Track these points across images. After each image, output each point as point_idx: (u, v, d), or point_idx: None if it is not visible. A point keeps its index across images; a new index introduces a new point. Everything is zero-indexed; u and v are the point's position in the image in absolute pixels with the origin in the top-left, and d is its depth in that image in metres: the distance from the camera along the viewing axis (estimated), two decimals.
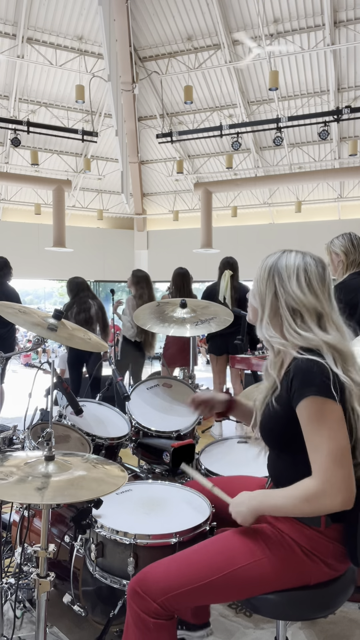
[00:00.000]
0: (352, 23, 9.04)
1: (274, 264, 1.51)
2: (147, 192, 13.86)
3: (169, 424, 2.63)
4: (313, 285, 1.47)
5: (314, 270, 1.48)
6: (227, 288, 5.13)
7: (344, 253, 2.94)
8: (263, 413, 1.55)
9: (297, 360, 1.41)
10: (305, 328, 1.44)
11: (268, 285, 1.50)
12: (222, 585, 1.43)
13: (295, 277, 1.47)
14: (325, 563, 1.45)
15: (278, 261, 1.51)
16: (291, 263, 1.49)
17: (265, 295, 1.50)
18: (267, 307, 1.50)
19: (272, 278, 1.49)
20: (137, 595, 1.44)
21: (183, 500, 1.89)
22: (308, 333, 1.43)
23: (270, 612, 1.50)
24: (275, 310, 1.49)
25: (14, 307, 2.03)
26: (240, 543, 1.48)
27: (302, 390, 1.37)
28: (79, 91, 9.11)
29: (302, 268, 1.47)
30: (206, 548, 1.50)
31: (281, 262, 1.50)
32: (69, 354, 5.39)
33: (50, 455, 1.47)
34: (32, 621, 2.16)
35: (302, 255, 1.51)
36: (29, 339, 14.50)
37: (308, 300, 1.45)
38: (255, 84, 10.58)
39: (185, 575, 1.43)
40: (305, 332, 1.44)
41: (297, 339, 1.44)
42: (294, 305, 1.46)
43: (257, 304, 1.53)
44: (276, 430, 1.49)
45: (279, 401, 1.46)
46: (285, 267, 1.49)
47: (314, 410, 1.35)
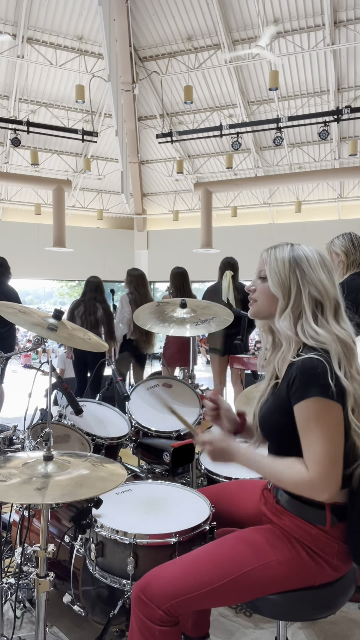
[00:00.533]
0: (352, 23, 9.04)
1: (292, 255, 1.49)
2: (147, 192, 13.86)
3: (169, 424, 2.62)
4: (332, 276, 1.50)
5: (329, 263, 1.52)
6: (230, 289, 5.12)
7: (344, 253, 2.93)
8: (262, 407, 1.55)
9: (301, 359, 1.41)
10: (322, 323, 1.45)
11: (291, 275, 1.48)
12: (227, 590, 1.43)
13: (319, 267, 1.48)
14: (329, 564, 1.45)
15: (294, 252, 1.50)
16: (310, 255, 1.50)
17: (289, 286, 1.48)
18: (291, 297, 1.48)
19: (294, 269, 1.48)
20: (141, 602, 1.43)
21: (183, 500, 1.89)
22: (323, 329, 1.43)
23: (270, 613, 1.50)
24: (297, 302, 1.47)
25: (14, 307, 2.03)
26: (244, 547, 1.47)
27: (305, 389, 1.37)
28: (79, 91, 9.11)
29: (321, 260, 1.50)
30: (210, 553, 1.48)
31: (299, 254, 1.50)
32: (75, 356, 5.40)
33: (49, 455, 1.47)
34: (32, 621, 2.16)
35: (312, 247, 1.53)
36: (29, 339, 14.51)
37: (331, 288, 1.48)
38: (255, 84, 10.58)
39: (190, 582, 1.42)
40: (321, 328, 1.44)
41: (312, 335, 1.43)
42: (317, 295, 1.46)
43: (279, 294, 1.49)
44: (275, 424, 1.49)
45: (279, 397, 1.47)
46: (305, 258, 1.49)
47: (314, 411, 1.36)
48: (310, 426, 1.37)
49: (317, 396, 1.35)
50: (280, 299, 1.49)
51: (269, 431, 1.53)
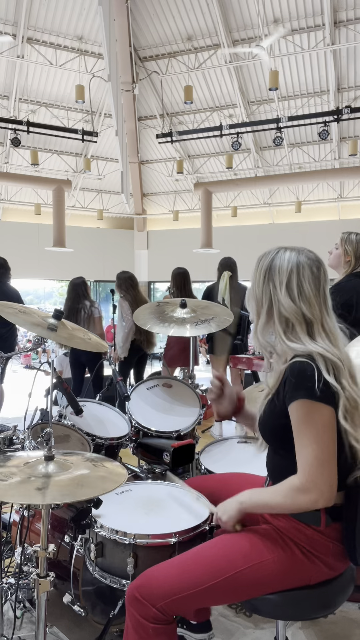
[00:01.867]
0: (352, 23, 9.04)
1: (269, 267, 1.49)
2: (147, 192, 13.86)
3: (169, 424, 2.62)
4: (304, 291, 1.45)
5: (308, 272, 1.46)
6: (226, 289, 5.12)
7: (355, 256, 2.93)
8: (263, 410, 1.55)
9: (292, 362, 1.42)
10: (295, 338, 1.44)
11: (264, 291, 1.49)
12: (222, 589, 1.43)
13: (286, 283, 1.45)
14: (324, 563, 1.45)
15: (272, 263, 1.49)
16: (284, 266, 1.47)
17: (261, 302, 1.50)
18: (263, 314, 1.50)
19: (267, 283, 1.48)
20: (136, 600, 1.44)
21: (183, 500, 1.89)
22: (296, 344, 1.43)
23: (270, 612, 1.50)
24: (269, 318, 1.49)
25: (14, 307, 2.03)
26: (239, 546, 1.47)
27: (294, 392, 1.38)
28: (79, 91, 9.11)
29: (294, 272, 1.46)
30: (205, 552, 1.49)
31: (274, 265, 1.48)
32: (70, 355, 5.41)
33: (49, 455, 1.47)
34: (32, 621, 2.16)
35: (297, 254, 1.48)
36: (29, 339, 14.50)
37: (298, 308, 1.44)
38: (255, 84, 10.58)
39: (184, 580, 1.43)
40: (294, 343, 1.44)
41: (287, 349, 1.45)
42: (285, 314, 1.46)
43: (252, 308, 1.53)
44: (273, 427, 1.50)
45: (276, 400, 1.48)
46: (278, 271, 1.47)
47: (302, 413, 1.37)
48: (301, 428, 1.38)
49: (303, 398, 1.36)
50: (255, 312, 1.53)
51: (268, 435, 1.55)
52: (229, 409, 1.78)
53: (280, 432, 1.45)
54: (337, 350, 1.44)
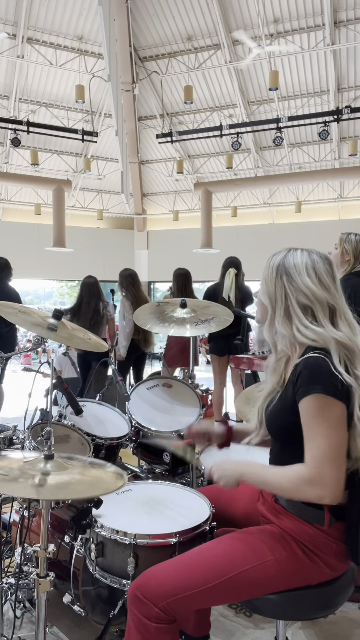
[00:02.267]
0: (352, 23, 9.04)
1: (281, 263, 1.51)
2: (147, 192, 13.86)
3: (169, 424, 2.62)
4: (323, 280, 1.48)
5: (322, 267, 1.49)
6: (232, 286, 5.11)
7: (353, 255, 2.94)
8: (269, 407, 1.55)
9: (307, 357, 1.42)
10: (314, 325, 1.45)
11: (277, 284, 1.50)
12: (223, 589, 1.43)
13: (305, 272, 1.47)
14: (326, 563, 1.45)
15: (285, 260, 1.51)
16: (299, 261, 1.49)
17: (275, 294, 1.51)
18: (279, 306, 1.50)
19: (280, 277, 1.50)
20: (137, 600, 1.44)
21: (183, 500, 1.89)
22: (320, 328, 1.43)
23: (270, 612, 1.50)
24: (287, 309, 1.49)
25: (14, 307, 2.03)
26: (241, 546, 1.47)
27: (308, 386, 1.38)
28: (79, 91, 9.11)
29: (310, 265, 1.48)
30: (207, 551, 1.49)
31: (288, 261, 1.50)
32: (78, 356, 5.41)
33: (49, 454, 1.47)
34: (32, 621, 2.16)
35: (309, 253, 1.51)
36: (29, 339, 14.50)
37: (320, 293, 1.46)
38: (255, 84, 10.58)
39: (186, 580, 1.43)
40: (317, 327, 1.44)
41: (308, 335, 1.44)
42: (305, 301, 1.46)
43: (267, 303, 1.53)
44: (283, 422, 1.50)
45: (285, 395, 1.48)
46: (293, 265, 1.49)
47: (316, 407, 1.37)
48: (311, 423, 1.38)
49: (320, 393, 1.36)
50: (269, 308, 1.53)
51: (276, 431, 1.54)
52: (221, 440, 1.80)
53: (291, 428, 1.45)
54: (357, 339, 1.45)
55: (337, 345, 1.41)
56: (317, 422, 1.36)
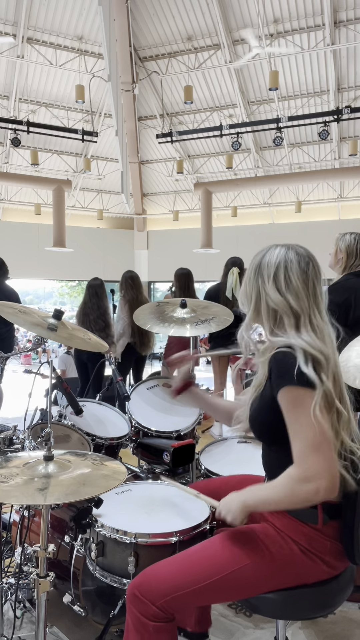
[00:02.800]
0: (352, 23, 9.04)
1: (259, 263, 1.52)
2: (147, 192, 13.86)
3: (169, 424, 2.63)
4: (292, 284, 1.45)
5: (296, 267, 1.47)
6: (237, 285, 5.11)
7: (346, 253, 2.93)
8: (252, 407, 1.55)
9: (274, 353, 1.44)
10: (281, 332, 1.46)
11: (253, 286, 1.51)
12: (221, 587, 1.44)
13: (273, 276, 1.47)
14: (323, 561, 1.45)
15: (262, 259, 1.51)
16: (272, 261, 1.49)
17: (250, 296, 1.52)
18: (251, 308, 1.52)
19: (256, 278, 1.51)
20: (136, 598, 1.44)
21: (183, 500, 1.89)
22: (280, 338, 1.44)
23: (269, 612, 1.50)
24: (257, 311, 1.51)
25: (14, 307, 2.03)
26: (238, 543, 1.48)
27: (279, 380, 1.39)
28: (79, 91, 9.11)
29: (282, 266, 1.47)
30: (204, 550, 1.50)
31: (264, 261, 1.51)
32: (74, 355, 5.41)
33: (49, 455, 1.47)
34: (32, 621, 2.16)
35: (286, 250, 1.49)
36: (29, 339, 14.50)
37: (285, 300, 1.45)
38: (255, 84, 10.58)
39: (184, 578, 1.43)
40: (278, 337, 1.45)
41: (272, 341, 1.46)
42: (273, 306, 1.47)
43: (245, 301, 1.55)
44: (264, 423, 1.50)
45: (264, 395, 1.48)
46: (267, 265, 1.49)
47: (290, 399, 1.37)
48: (290, 415, 1.38)
49: (289, 385, 1.36)
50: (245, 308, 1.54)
51: (260, 431, 1.55)
52: (178, 383, 1.87)
53: (271, 428, 1.45)
54: (323, 345, 1.42)
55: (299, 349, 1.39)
56: (295, 415, 1.37)
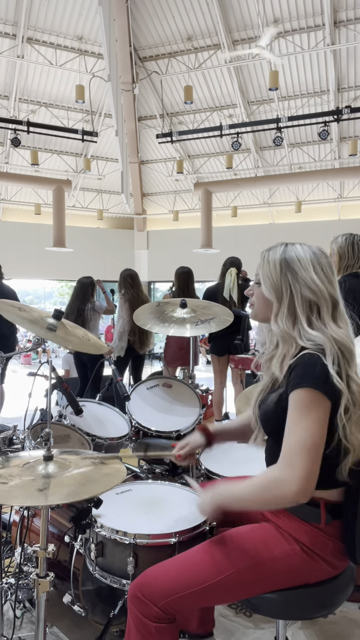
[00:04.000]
0: (352, 23, 9.04)
1: (283, 257, 1.49)
2: (147, 192, 13.86)
3: (169, 424, 2.62)
4: (327, 274, 1.47)
5: (325, 261, 1.49)
6: (234, 285, 5.11)
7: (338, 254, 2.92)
8: (262, 405, 1.55)
9: (302, 354, 1.42)
10: (319, 323, 1.44)
11: (282, 278, 1.48)
12: (223, 587, 1.43)
13: (311, 266, 1.46)
14: (325, 561, 1.45)
15: (286, 254, 1.49)
16: (302, 254, 1.48)
17: (281, 289, 1.48)
18: (284, 301, 1.48)
19: (285, 271, 1.48)
20: (137, 599, 1.44)
21: (183, 500, 1.89)
22: (319, 332, 1.42)
23: (270, 612, 1.50)
24: (291, 306, 1.47)
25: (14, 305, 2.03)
26: (241, 544, 1.47)
27: (299, 379, 1.38)
28: (79, 91, 9.12)
29: (314, 258, 1.48)
30: (206, 550, 1.49)
31: (290, 255, 1.48)
32: (74, 355, 5.42)
33: (49, 455, 1.47)
34: (32, 621, 2.16)
35: (308, 246, 1.51)
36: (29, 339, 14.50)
37: (326, 288, 1.45)
38: (255, 84, 10.58)
39: (186, 579, 1.43)
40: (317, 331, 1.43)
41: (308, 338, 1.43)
42: (311, 296, 1.45)
43: (273, 298, 1.50)
44: (276, 424, 1.49)
45: (279, 395, 1.47)
46: (297, 259, 1.47)
47: (302, 400, 1.36)
48: (294, 414, 1.37)
49: (309, 387, 1.35)
50: (275, 303, 1.50)
51: (270, 430, 1.54)
52: (203, 444, 1.79)
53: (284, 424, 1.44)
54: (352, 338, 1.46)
55: (333, 347, 1.40)
56: (299, 415, 1.36)
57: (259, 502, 1.40)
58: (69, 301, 5.44)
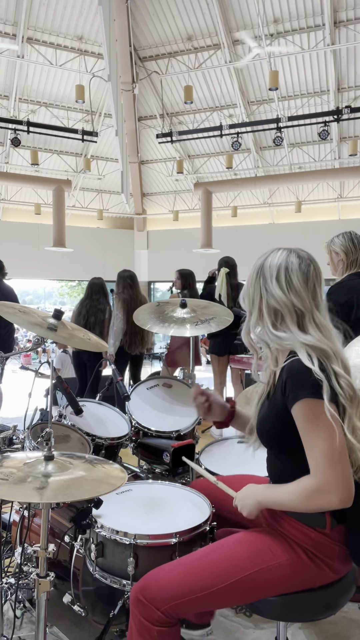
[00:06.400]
0: (352, 23, 9.04)
1: (261, 265, 1.53)
2: (147, 192, 13.86)
3: (169, 424, 2.62)
4: (293, 284, 1.47)
5: (296, 268, 1.48)
6: (222, 285, 5.12)
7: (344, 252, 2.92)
8: (259, 414, 1.55)
9: (289, 362, 1.42)
10: (283, 329, 1.46)
11: (255, 286, 1.52)
12: (227, 593, 1.43)
13: (275, 276, 1.48)
14: (329, 566, 1.45)
15: (264, 262, 1.52)
16: (274, 263, 1.50)
17: (253, 297, 1.53)
18: (255, 310, 1.52)
19: (258, 279, 1.52)
20: (140, 603, 1.43)
21: (183, 500, 1.89)
22: (284, 333, 1.45)
23: (271, 614, 1.49)
24: (260, 312, 1.51)
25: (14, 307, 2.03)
26: (244, 550, 1.47)
27: (296, 392, 1.38)
28: (79, 91, 9.11)
29: (283, 267, 1.48)
30: (211, 555, 1.48)
31: (266, 263, 1.52)
32: (73, 355, 5.42)
33: (49, 455, 1.47)
34: (32, 621, 2.16)
35: (287, 253, 1.51)
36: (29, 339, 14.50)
37: (288, 299, 1.46)
38: (255, 84, 10.58)
39: (189, 584, 1.42)
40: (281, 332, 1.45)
41: (273, 340, 1.46)
42: (275, 305, 1.47)
43: (246, 304, 1.56)
44: (273, 430, 1.49)
45: (274, 402, 1.47)
46: (268, 267, 1.50)
47: (307, 412, 1.36)
48: (306, 428, 1.37)
49: (307, 397, 1.36)
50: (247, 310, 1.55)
51: (267, 438, 1.54)
52: (223, 416, 1.77)
53: (280, 437, 1.45)
54: (330, 342, 1.45)
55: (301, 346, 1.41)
56: (313, 428, 1.36)
57: (302, 509, 1.41)
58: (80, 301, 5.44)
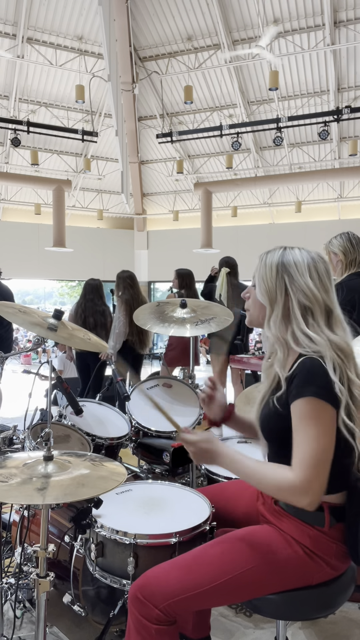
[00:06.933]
0: (352, 23, 9.04)
1: (280, 261, 1.48)
2: (147, 192, 13.86)
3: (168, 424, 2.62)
4: (323, 281, 1.46)
5: (322, 267, 1.48)
6: (223, 285, 5.12)
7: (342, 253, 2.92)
8: (263, 410, 1.54)
9: (303, 359, 1.41)
10: (314, 328, 1.43)
11: (277, 282, 1.47)
12: (224, 590, 1.43)
13: (307, 272, 1.45)
14: (327, 563, 1.45)
15: (283, 258, 1.48)
16: (299, 259, 1.47)
17: (275, 293, 1.47)
18: (277, 306, 1.47)
19: (281, 275, 1.47)
20: (138, 601, 1.43)
21: (183, 500, 1.89)
22: (316, 335, 1.42)
23: (270, 612, 1.50)
24: (285, 310, 1.46)
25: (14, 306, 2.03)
26: (242, 547, 1.47)
27: (302, 388, 1.37)
28: (79, 91, 9.12)
29: (311, 264, 1.46)
30: (208, 552, 1.49)
31: (288, 259, 1.47)
32: (77, 358, 5.41)
33: (49, 455, 1.47)
34: (32, 621, 2.16)
35: (307, 251, 1.50)
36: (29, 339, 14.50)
37: (320, 295, 1.44)
38: (255, 84, 10.59)
39: (187, 581, 1.42)
40: (314, 333, 1.42)
41: (304, 341, 1.42)
42: (306, 302, 1.44)
43: (266, 302, 1.49)
44: (275, 428, 1.49)
45: (280, 399, 1.46)
46: (294, 263, 1.46)
47: (308, 410, 1.36)
48: (302, 424, 1.36)
49: (313, 396, 1.35)
50: (268, 307, 1.49)
51: (269, 435, 1.54)
52: (218, 414, 1.76)
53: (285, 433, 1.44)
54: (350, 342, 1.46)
55: (331, 352, 1.39)
56: (307, 424, 1.35)
57: (263, 489, 1.42)
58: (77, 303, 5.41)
